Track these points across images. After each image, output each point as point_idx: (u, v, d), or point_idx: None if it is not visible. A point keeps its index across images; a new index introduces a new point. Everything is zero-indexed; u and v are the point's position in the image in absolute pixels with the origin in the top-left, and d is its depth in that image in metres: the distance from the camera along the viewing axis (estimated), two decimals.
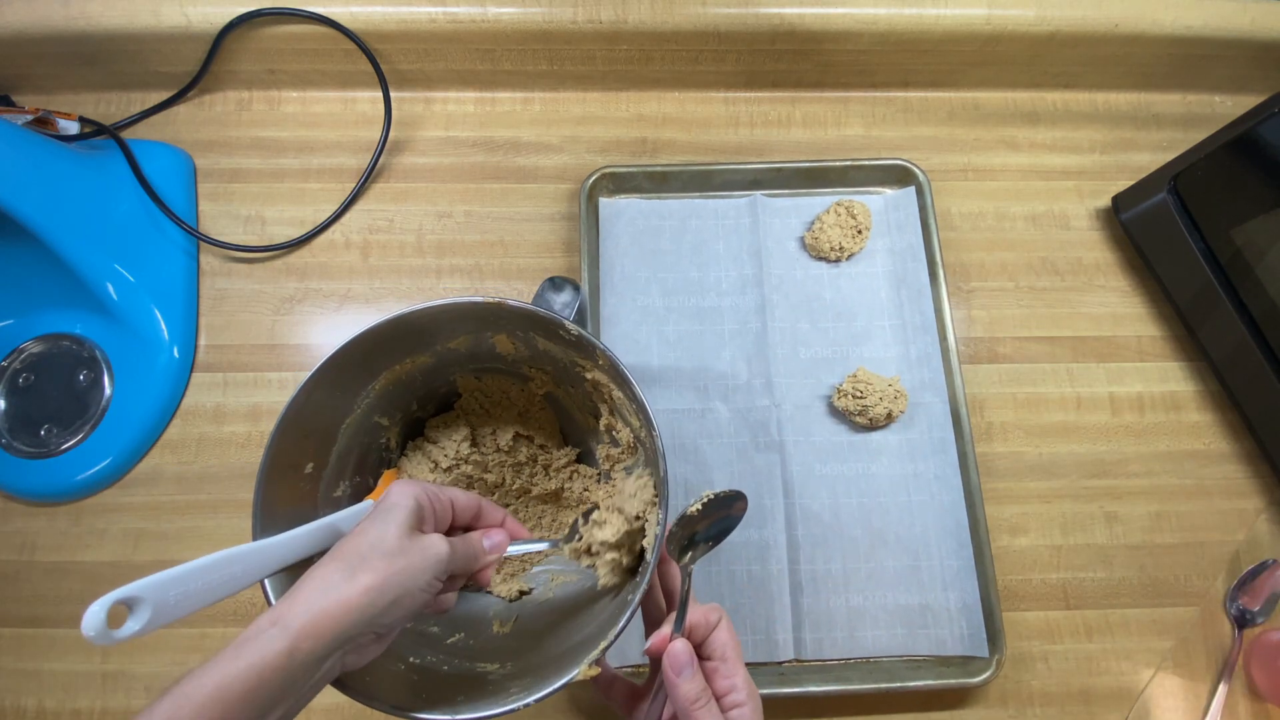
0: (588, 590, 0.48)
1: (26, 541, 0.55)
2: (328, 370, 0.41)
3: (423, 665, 0.42)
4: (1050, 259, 0.63)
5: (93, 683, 0.52)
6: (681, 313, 0.59)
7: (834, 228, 0.59)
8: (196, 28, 0.59)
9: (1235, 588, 0.55)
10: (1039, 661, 0.54)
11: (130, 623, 0.30)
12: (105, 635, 0.28)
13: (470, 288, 0.61)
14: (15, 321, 0.58)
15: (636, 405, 0.41)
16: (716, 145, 0.66)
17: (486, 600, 0.50)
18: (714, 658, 0.37)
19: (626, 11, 0.60)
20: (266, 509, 0.39)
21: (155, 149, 0.61)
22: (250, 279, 0.61)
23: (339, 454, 0.45)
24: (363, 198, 0.63)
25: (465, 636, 0.46)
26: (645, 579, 0.38)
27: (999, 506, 0.56)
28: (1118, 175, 0.65)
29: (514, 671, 0.42)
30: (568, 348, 0.45)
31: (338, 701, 0.51)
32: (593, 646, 0.38)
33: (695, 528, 0.41)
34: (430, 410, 0.52)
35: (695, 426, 0.56)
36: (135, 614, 0.30)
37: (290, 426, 0.40)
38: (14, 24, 0.58)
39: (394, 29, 0.60)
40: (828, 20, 0.61)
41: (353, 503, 0.45)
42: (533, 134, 0.66)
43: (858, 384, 0.55)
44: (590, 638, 0.39)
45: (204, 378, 0.58)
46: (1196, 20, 0.61)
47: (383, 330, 0.41)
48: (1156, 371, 0.60)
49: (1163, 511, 0.57)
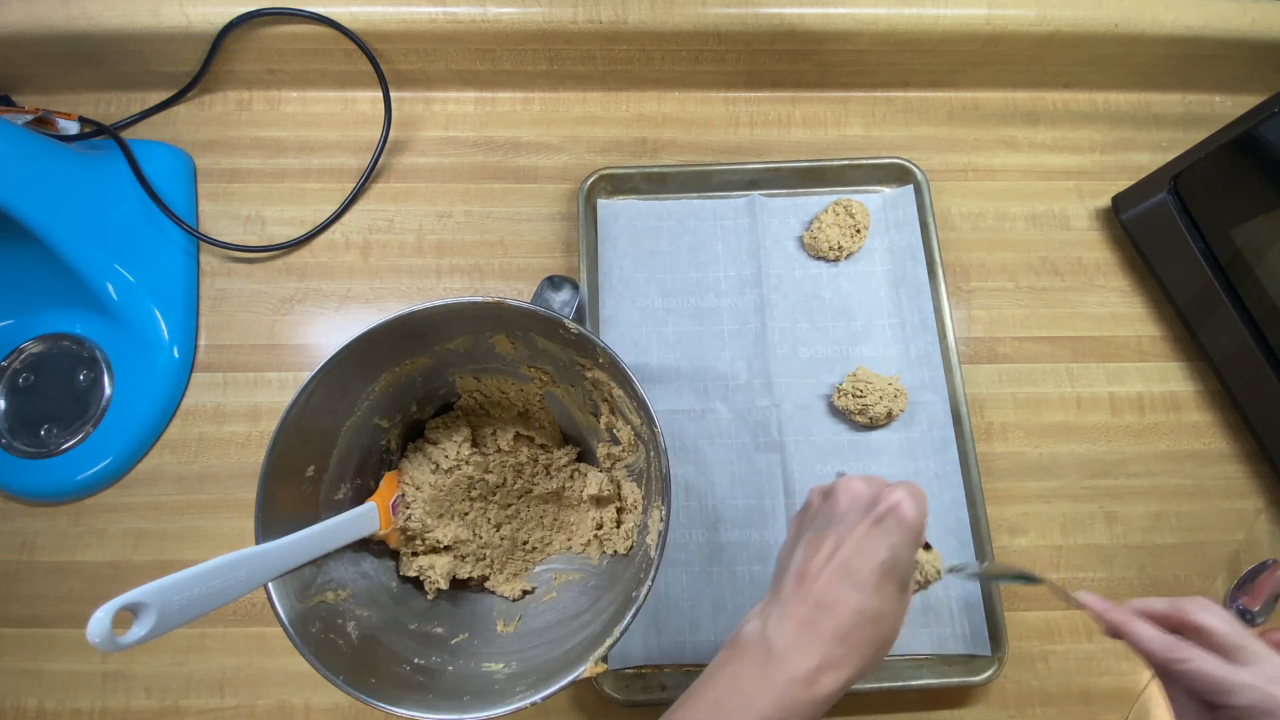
0: (591, 588, 0.48)
1: (26, 541, 0.55)
2: (327, 373, 0.41)
3: (428, 666, 0.42)
4: (1050, 259, 0.63)
5: (93, 683, 0.52)
6: (681, 313, 0.59)
7: (832, 227, 0.59)
8: (196, 28, 0.59)
9: (1235, 588, 0.55)
10: (1039, 661, 0.54)
11: (135, 629, 0.30)
12: (110, 642, 0.28)
13: (470, 288, 0.61)
14: (15, 321, 0.58)
15: (637, 402, 0.41)
16: (717, 145, 0.66)
17: (490, 600, 0.50)
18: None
19: (626, 11, 0.60)
20: (268, 513, 0.39)
21: (155, 149, 0.61)
22: (250, 279, 0.61)
23: (339, 457, 0.45)
24: (363, 198, 0.63)
25: (469, 637, 0.46)
26: (651, 576, 0.38)
27: (999, 506, 0.56)
28: (1118, 175, 0.65)
29: (519, 670, 0.42)
30: (567, 346, 0.45)
31: (338, 702, 0.51)
32: (598, 644, 0.38)
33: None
34: (430, 412, 0.53)
35: (695, 427, 0.56)
36: (140, 620, 0.30)
37: (291, 430, 0.40)
38: (14, 24, 0.58)
39: (394, 29, 0.60)
40: (828, 20, 0.61)
41: (354, 505, 0.45)
42: (533, 134, 0.66)
43: (857, 383, 0.55)
44: (595, 636, 0.39)
45: (204, 378, 0.58)
46: (1196, 20, 0.61)
47: (382, 331, 0.41)
48: (1156, 371, 0.60)
49: (1163, 511, 0.57)
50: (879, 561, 0.33)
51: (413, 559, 0.48)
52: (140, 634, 0.30)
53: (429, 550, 0.48)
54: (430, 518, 0.48)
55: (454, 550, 0.49)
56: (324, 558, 0.41)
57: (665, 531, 0.39)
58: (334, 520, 0.42)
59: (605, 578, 0.48)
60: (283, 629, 0.38)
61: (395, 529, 0.47)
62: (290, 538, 0.38)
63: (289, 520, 0.40)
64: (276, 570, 0.37)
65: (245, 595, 0.34)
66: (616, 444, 0.49)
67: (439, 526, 0.49)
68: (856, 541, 0.34)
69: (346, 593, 0.43)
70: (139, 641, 0.29)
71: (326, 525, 0.41)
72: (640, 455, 0.48)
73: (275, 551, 0.37)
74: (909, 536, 0.34)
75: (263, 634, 0.53)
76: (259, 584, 0.35)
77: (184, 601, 0.31)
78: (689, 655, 0.51)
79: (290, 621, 0.38)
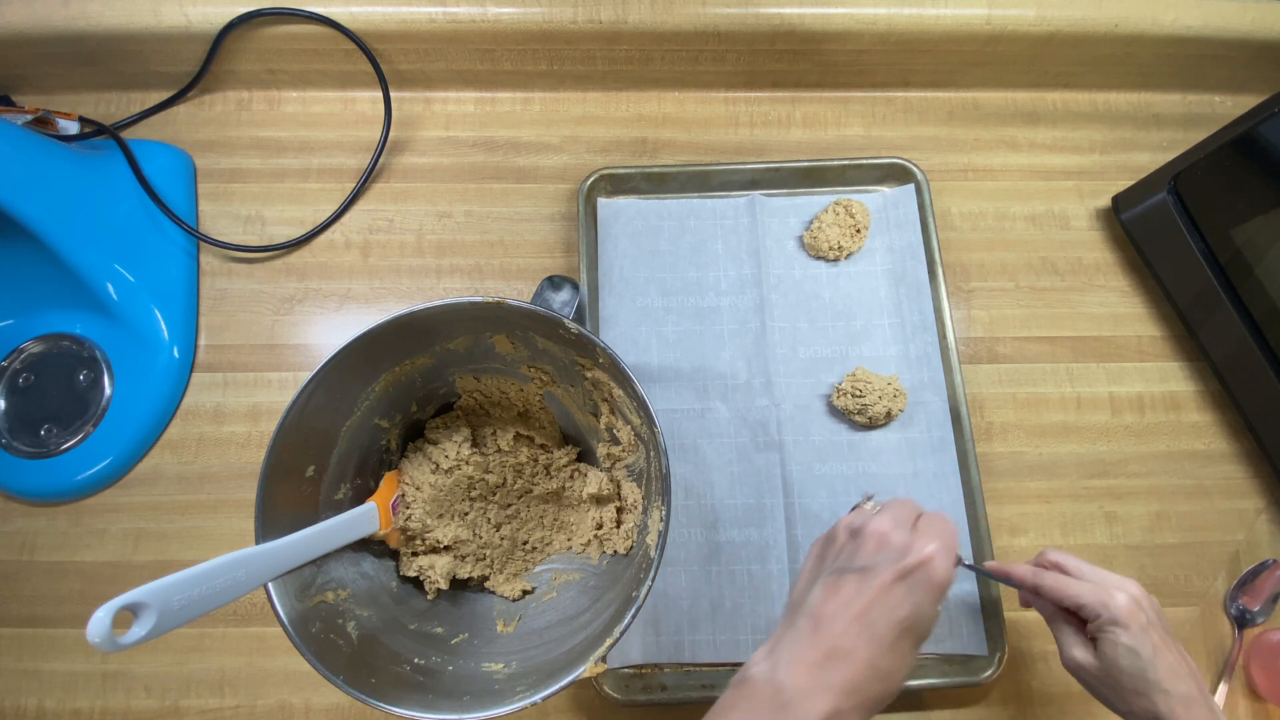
0: (591, 588, 0.48)
1: (26, 541, 0.55)
2: (328, 373, 0.41)
3: (428, 666, 0.42)
4: (1050, 259, 0.63)
5: (93, 683, 0.52)
6: (680, 313, 0.59)
7: (832, 227, 0.59)
8: (196, 28, 0.59)
9: (1235, 588, 0.55)
10: (1039, 661, 0.54)
11: (135, 629, 0.30)
12: (110, 642, 0.28)
13: (470, 288, 0.61)
14: (15, 321, 0.58)
15: (637, 402, 0.41)
16: (716, 145, 0.66)
17: (490, 600, 0.50)
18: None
19: (626, 11, 0.60)
20: (268, 513, 0.39)
21: (155, 149, 0.61)
22: (250, 279, 0.61)
23: (339, 457, 0.45)
24: (363, 198, 0.63)
25: (469, 636, 0.46)
26: (651, 576, 0.38)
27: (999, 506, 0.56)
28: (1118, 175, 0.65)
29: (519, 670, 0.42)
30: (567, 346, 0.45)
31: (338, 702, 0.52)
32: (598, 644, 0.38)
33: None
34: (430, 412, 0.53)
35: (695, 426, 0.56)
36: (140, 620, 0.30)
37: (291, 430, 0.40)
38: (14, 24, 0.58)
39: (394, 29, 0.60)
40: (828, 20, 0.61)
41: (354, 505, 0.45)
42: (533, 134, 0.66)
43: (857, 383, 0.55)
44: (595, 635, 0.39)
45: (204, 378, 0.58)
46: (1196, 20, 0.61)
47: (382, 331, 0.41)
48: (1156, 371, 0.60)
49: (1163, 511, 0.57)
50: (900, 618, 0.32)
51: (413, 559, 0.48)
52: (140, 634, 0.30)
53: (429, 550, 0.49)
54: (430, 518, 0.48)
55: (454, 550, 0.49)
56: (324, 558, 0.41)
57: (665, 531, 0.39)
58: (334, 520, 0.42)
59: (605, 578, 0.48)
60: (283, 629, 0.38)
61: (395, 529, 0.47)
62: (290, 538, 0.38)
63: (289, 520, 0.40)
64: (277, 570, 0.37)
65: (245, 595, 0.34)
66: (616, 444, 0.49)
67: (439, 526, 0.49)
68: (880, 593, 0.33)
69: (346, 593, 0.43)
70: (139, 641, 0.29)
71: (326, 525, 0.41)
72: (640, 455, 0.48)
73: (275, 551, 0.37)
74: (935, 595, 0.33)
75: (263, 634, 0.53)
76: (259, 584, 0.35)
77: (184, 601, 0.31)
78: (688, 654, 0.51)
79: (290, 621, 0.38)
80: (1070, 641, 0.40)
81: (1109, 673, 0.38)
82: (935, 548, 0.34)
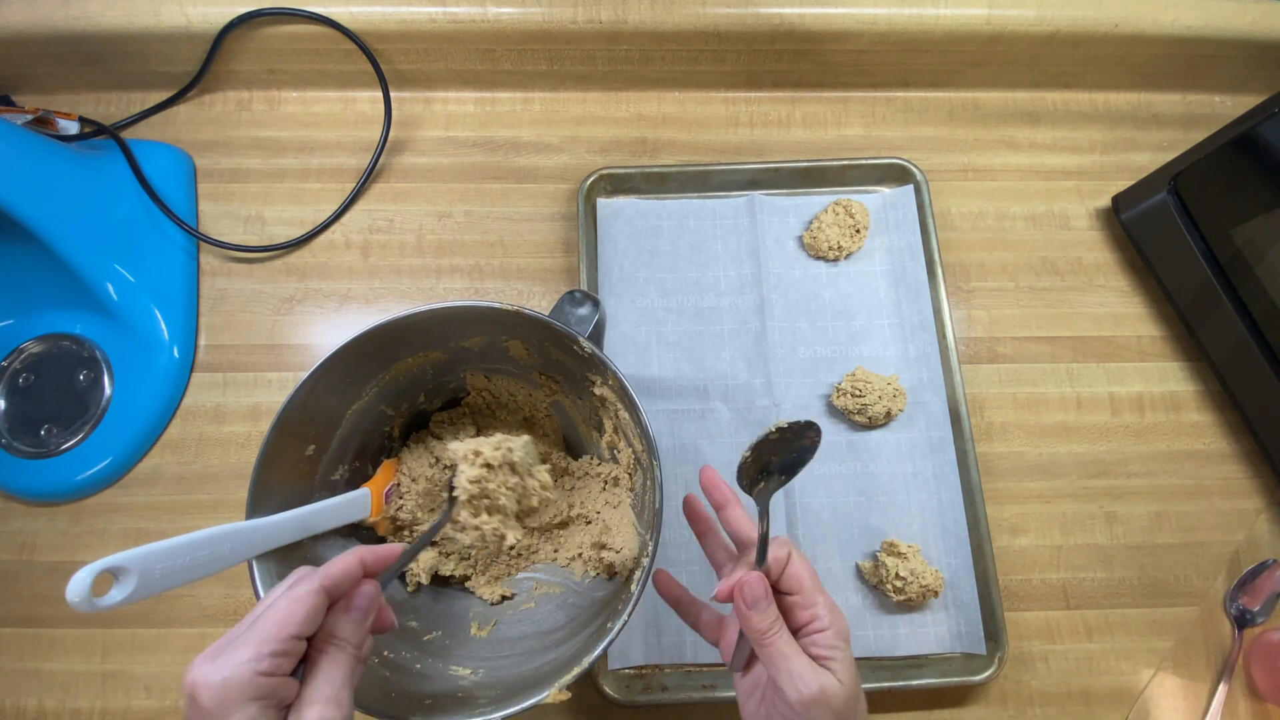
0: (569, 604, 0.48)
1: (26, 541, 0.55)
2: (342, 355, 0.41)
3: (396, 661, 0.42)
4: (1050, 259, 0.63)
5: (93, 683, 0.52)
6: (680, 313, 0.59)
7: (832, 227, 0.59)
8: (196, 28, 0.59)
9: (1235, 588, 0.55)
10: (1039, 661, 0.54)
11: (114, 591, 0.30)
12: (88, 603, 0.28)
13: (470, 288, 0.61)
14: (15, 321, 0.58)
15: (641, 430, 0.41)
16: (716, 145, 0.66)
17: (468, 600, 0.50)
18: (791, 591, 0.36)
19: (626, 11, 0.60)
20: (262, 486, 0.39)
21: (155, 149, 0.61)
22: (250, 279, 0.61)
23: (341, 438, 0.45)
24: (363, 198, 0.63)
25: (442, 635, 0.46)
26: (630, 607, 0.37)
27: (999, 506, 0.56)
28: (1118, 175, 0.65)
29: (485, 680, 0.42)
30: (580, 363, 0.45)
31: None
32: (566, 670, 0.37)
33: (769, 457, 0.39)
34: (437, 404, 0.53)
35: (695, 426, 0.56)
36: (120, 583, 0.30)
37: (299, 406, 0.40)
38: (14, 24, 0.58)
39: (394, 29, 0.60)
40: (828, 20, 0.61)
41: (350, 488, 0.45)
42: (533, 134, 0.66)
43: (856, 383, 0.55)
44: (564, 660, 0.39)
45: (204, 378, 0.58)
46: (1196, 20, 0.61)
47: (402, 323, 0.41)
48: (1156, 371, 0.60)
49: (1163, 511, 0.57)
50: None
51: None
52: (119, 597, 0.30)
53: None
54: (421, 510, 0.48)
55: (439, 545, 0.49)
56: (312, 541, 0.41)
57: (650, 567, 0.39)
58: (325, 503, 0.41)
59: (584, 597, 0.48)
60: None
61: (386, 517, 0.47)
62: (279, 516, 0.38)
63: (282, 495, 0.40)
64: (261, 547, 0.36)
65: (229, 569, 0.34)
66: (616, 464, 0.49)
67: (428, 520, 0.48)
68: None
69: None
70: (117, 604, 0.30)
71: (317, 507, 0.40)
72: (638, 480, 0.48)
73: (262, 529, 0.36)
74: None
75: None
76: (243, 559, 0.35)
77: (166, 570, 0.31)
78: (688, 655, 0.51)
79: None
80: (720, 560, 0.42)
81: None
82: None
